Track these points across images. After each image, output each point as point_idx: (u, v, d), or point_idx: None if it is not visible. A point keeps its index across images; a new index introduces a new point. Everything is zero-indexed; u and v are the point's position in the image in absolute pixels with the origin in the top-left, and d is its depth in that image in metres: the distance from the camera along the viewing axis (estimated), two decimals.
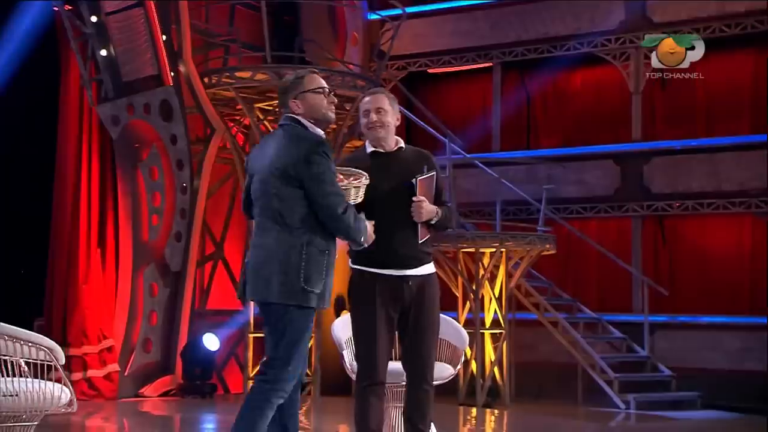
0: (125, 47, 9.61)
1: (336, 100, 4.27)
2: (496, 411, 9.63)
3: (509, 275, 10.17)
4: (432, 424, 4.83)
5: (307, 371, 10.02)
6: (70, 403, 3.86)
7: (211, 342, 9.94)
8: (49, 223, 9.84)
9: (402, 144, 4.65)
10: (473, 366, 10.01)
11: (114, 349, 9.50)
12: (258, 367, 9.75)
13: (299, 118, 4.18)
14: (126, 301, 9.60)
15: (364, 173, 4.30)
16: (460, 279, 10.20)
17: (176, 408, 9.17)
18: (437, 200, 4.59)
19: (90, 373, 9.34)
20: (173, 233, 9.91)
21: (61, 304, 9.59)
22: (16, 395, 3.64)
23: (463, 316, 10.18)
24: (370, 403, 4.48)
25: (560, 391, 10.56)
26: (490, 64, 12.59)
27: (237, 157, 10.18)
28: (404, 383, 4.60)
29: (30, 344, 3.63)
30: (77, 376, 9.29)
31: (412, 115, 11.61)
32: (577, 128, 12.35)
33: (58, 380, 3.83)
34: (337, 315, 9.11)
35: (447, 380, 5.24)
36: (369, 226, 4.23)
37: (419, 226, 4.49)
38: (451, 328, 5.28)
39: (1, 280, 10.38)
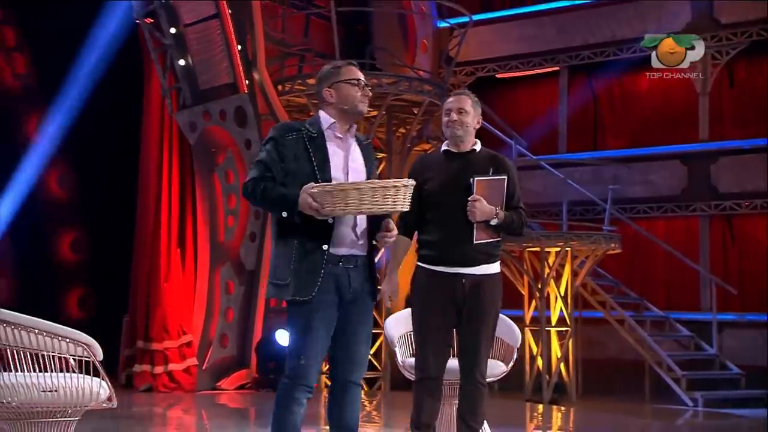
0: (202, 57, 9.59)
1: (370, 94, 3.92)
2: (562, 407, 9.28)
3: (575, 274, 9.82)
4: (486, 422, 4.60)
5: (378, 366, 9.83)
6: (109, 399, 3.71)
7: (284, 338, 9.81)
8: (134, 226, 9.90)
9: (477, 147, 4.45)
10: (539, 363, 9.68)
11: (193, 344, 9.50)
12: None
13: (325, 110, 3.89)
14: (204, 299, 9.59)
15: (409, 180, 3.73)
16: (525, 278, 9.87)
17: (251, 401, 9.08)
18: (509, 204, 4.37)
19: (171, 366, 9.39)
20: (248, 233, 9.81)
21: (144, 301, 9.67)
22: (56, 391, 3.51)
23: (529, 314, 9.87)
24: (422, 397, 4.38)
25: (628, 389, 10.16)
26: (557, 68, 12.22)
27: None
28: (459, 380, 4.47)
29: (68, 340, 3.49)
30: (159, 369, 9.36)
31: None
32: (643, 129, 11.87)
33: (97, 375, 3.68)
34: None
35: (499, 377, 5.05)
36: (303, 196, 3.56)
37: (475, 226, 4.29)
38: (504, 326, 5.00)
39: (92, 279, 10.50)
